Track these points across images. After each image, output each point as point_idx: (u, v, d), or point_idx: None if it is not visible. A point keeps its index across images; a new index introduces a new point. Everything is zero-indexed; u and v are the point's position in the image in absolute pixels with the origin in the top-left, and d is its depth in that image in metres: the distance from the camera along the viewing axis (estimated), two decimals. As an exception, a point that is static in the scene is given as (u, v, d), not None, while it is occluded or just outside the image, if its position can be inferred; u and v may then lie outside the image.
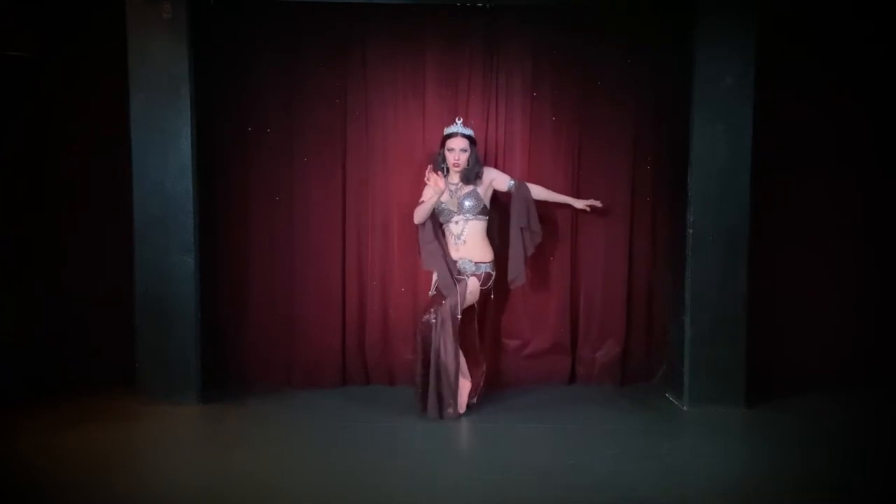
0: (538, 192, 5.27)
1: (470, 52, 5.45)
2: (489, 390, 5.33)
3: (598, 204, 5.33)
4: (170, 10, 4.88)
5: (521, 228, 5.20)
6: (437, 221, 5.20)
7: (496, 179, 5.23)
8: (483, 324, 5.41)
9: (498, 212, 5.35)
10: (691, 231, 5.05)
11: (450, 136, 5.12)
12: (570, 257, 5.60)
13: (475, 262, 5.13)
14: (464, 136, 5.11)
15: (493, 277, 5.19)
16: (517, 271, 5.22)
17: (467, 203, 5.13)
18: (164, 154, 4.98)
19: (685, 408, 5.11)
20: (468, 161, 5.11)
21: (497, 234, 5.37)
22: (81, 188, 5.52)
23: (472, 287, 5.09)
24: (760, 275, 5.29)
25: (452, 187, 5.14)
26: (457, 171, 5.13)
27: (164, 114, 4.96)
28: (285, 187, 5.50)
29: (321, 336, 5.54)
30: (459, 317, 4.99)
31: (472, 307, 5.17)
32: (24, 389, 5.17)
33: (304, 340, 5.55)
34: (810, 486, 4.03)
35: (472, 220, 5.13)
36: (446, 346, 4.91)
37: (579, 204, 5.35)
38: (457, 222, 5.13)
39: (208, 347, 5.23)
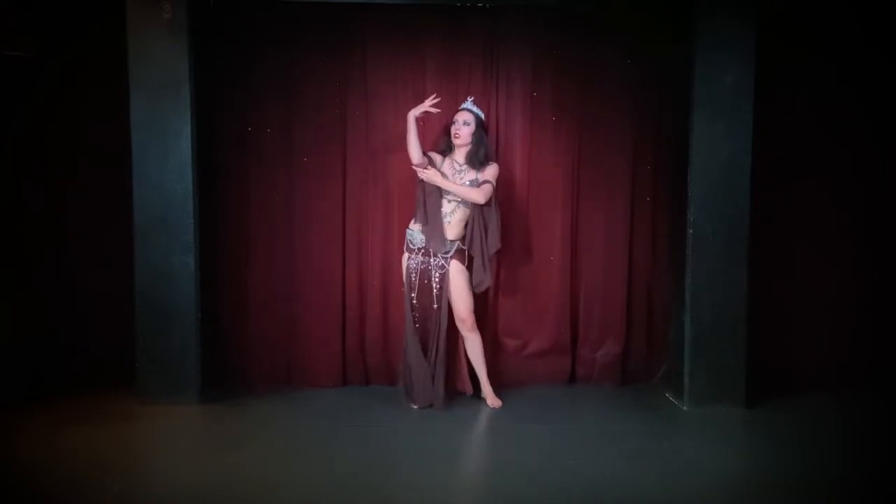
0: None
1: (470, 52, 5.45)
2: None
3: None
4: (170, 10, 4.88)
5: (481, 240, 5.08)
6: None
7: (487, 177, 5.04)
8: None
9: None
10: (691, 231, 5.05)
11: (458, 111, 5.13)
12: (570, 257, 5.59)
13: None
14: (470, 111, 5.09)
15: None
16: (481, 276, 5.13)
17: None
18: (164, 154, 4.97)
19: (685, 408, 5.11)
20: (470, 137, 5.06)
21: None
22: (81, 188, 5.52)
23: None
24: (760, 275, 5.29)
25: (457, 166, 5.09)
26: (459, 146, 5.08)
27: (164, 114, 4.96)
28: (285, 187, 5.50)
29: (321, 336, 5.53)
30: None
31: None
32: (24, 389, 5.17)
33: (304, 340, 5.54)
34: (810, 486, 4.04)
35: (463, 206, 5.08)
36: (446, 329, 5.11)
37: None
38: (449, 201, 5.09)
39: (208, 347, 5.23)
